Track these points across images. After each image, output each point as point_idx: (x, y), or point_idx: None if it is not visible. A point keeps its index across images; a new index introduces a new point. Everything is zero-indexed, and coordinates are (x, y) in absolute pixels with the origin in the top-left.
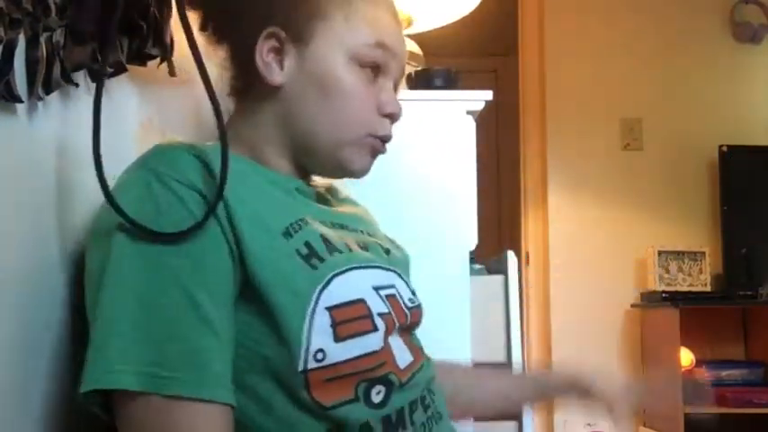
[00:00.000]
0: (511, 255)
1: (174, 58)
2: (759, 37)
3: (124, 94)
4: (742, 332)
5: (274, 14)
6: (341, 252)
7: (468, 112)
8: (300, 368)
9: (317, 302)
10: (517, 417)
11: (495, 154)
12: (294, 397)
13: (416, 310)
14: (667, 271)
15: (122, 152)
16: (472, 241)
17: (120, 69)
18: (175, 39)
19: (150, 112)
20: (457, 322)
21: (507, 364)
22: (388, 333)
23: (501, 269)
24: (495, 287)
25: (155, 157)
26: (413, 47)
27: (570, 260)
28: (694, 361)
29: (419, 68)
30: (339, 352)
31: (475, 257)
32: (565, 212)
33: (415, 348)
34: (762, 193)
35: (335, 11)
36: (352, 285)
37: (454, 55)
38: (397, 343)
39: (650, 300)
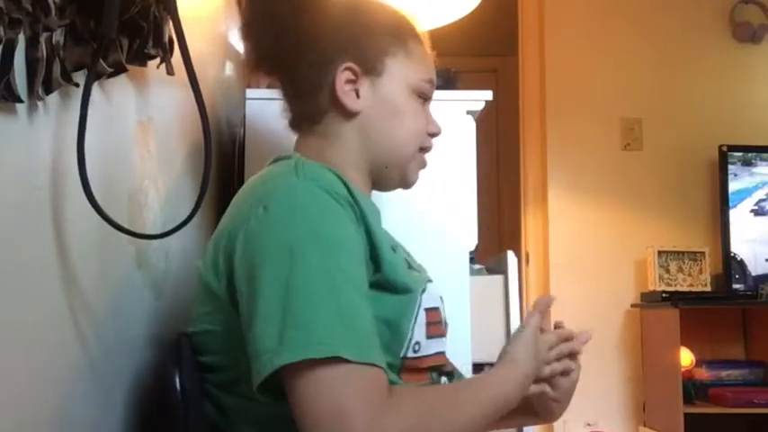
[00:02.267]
0: (511, 255)
1: (173, 59)
2: (759, 37)
3: (124, 94)
4: (742, 332)
5: (348, 51)
6: (412, 268)
7: (468, 112)
8: (402, 354)
9: (420, 303)
10: None
11: (495, 154)
12: (392, 377)
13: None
14: (667, 271)
15: (122, 152)
16: (472, 241)
17: (120, 69)
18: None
19: (150, 112)
20: (457, 322)
21: None
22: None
23: (501, 269)
24: (495, 287)
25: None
26: None
27: (570, 260)
28: (694, 361)
29: None
30: (427, 347)
31: (475, 257)
32: (565, 212)
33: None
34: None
35: (398, 49)
36: (433, 293)
37: (454, 55)
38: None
39: (650, 300)
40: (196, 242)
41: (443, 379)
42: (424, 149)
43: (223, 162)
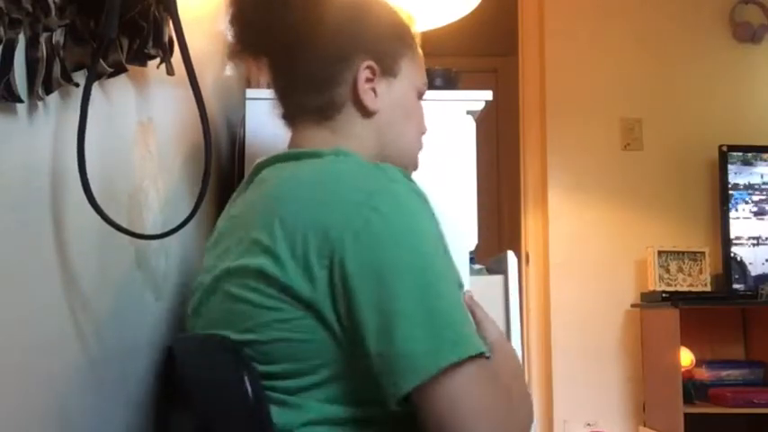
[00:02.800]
0: (511, 255)
1: (173, 59)
2: (759, 37)
3: (124, 94)
4: (742, 332)
5: (369, 49)
6: None
7: (468, 112)
8: None
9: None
10: None
11: (495, 154)
12: None
13: None
14: (667, 271)
15: (122, 152)
16: (472, 241)
17: (120, 69)
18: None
19: (150, 113)
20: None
21: None
22: None
23: (501, 269)
24: (495, 287)
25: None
26: None
27: (570, 260)
28: (694, 361)
29: None
30: None
31: (475, 257)
32: (565, 212)
33: None
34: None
35: (408, 50)
36: None
37: (454, 55)
38: None
39: (650, 300)
40: (196, 242)
41: None
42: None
43: (223, 162)
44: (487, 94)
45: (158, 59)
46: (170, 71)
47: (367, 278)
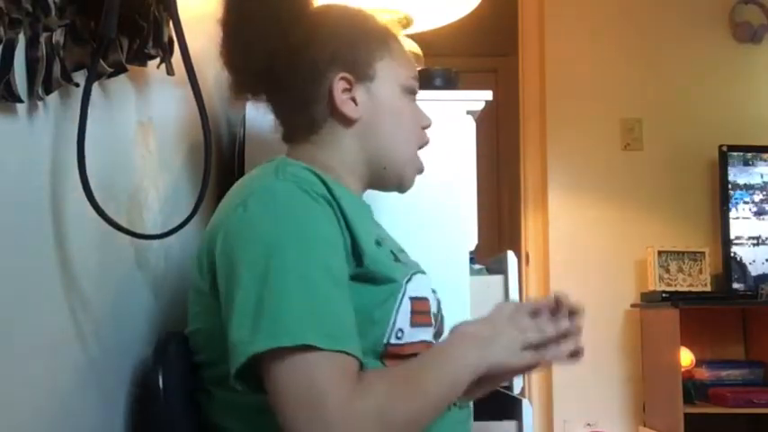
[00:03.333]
0: (511, 255)
1: (173, 59)
2: (759, 37)
3: (124, 94)
4: (742, 332)
5: (338, 61)
6: (400, 261)
7: (468, 112)
8: (384, 341)
9: (404, 291)
10: (517, 416)
11: (495, 154)
12: (371, 361)
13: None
14: (667, 271)
15: (122, 152)
16: (472, 241)
17: (120, 69)
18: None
19: (150, 112)
20: (457, 322)
21: None
22: (438, 330)
23: (501, 269)
24: (495, 287)
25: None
26: (413, 47)
27: (570, 260)
28: (694, 361)
29: (419, 69)
30: (411, 335)
31: (475, 257)
32: (565, 212)
33: None
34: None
35: (383, 52)
36: (422, 284)
37: (454, 55)
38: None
39: (650, 300)
40: (196, 242)
41: None
42: (422, 146)
43: (223, 162)
44: (487, 94)
45: (158, 59)
46: (170, 71)
47: (223, 270)
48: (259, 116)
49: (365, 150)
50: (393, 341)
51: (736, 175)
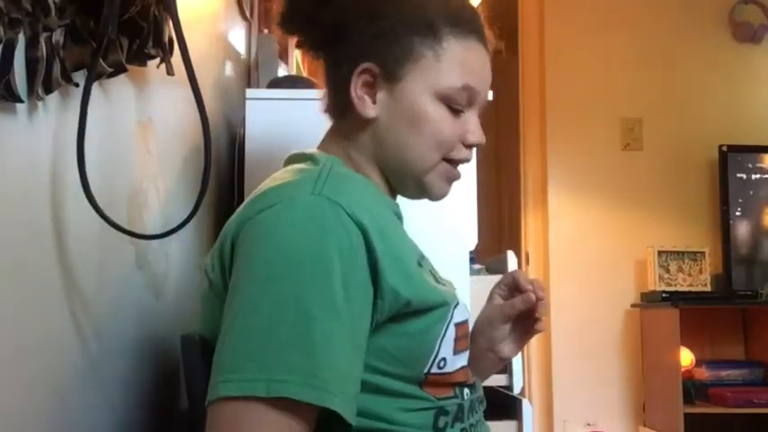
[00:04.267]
0: (511, 255)
1: (173, 59)
2: (759, 37)
3: (124, 94)
4: (742, 332)
5: (370, 51)
6: (444, 282)
7: None
8: (425, 371)
9: (451, 317)
10: (517, 416)
11: (494, 154)
12: (409, 388)
13: None
14: (667, 271)
15: (121, 152)
16: (472, 241)
17: (120, 69)
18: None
19: (150, 112)
20: None
21: (507, 364)
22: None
23: (501, 269)
24: None
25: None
26: None
27: (570, 260)
28: (694, 361)
29: None
30: (452, 363)
31: (475, 257)
32: (565, 212)
33: None
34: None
35: (427, 50)
36: (464, 307)
37: None
38: None
39: (650, 300)
40: (196, 242)
41: (465, 391)
42: (454, 161)
43: (223, 162)
44: (487, 95)
45: (158, 59)
46: (170, 71)
47: (232, 282)
48: (259, 116)
49: (381, 155)
50: (434, 371)
51: (737, 175)
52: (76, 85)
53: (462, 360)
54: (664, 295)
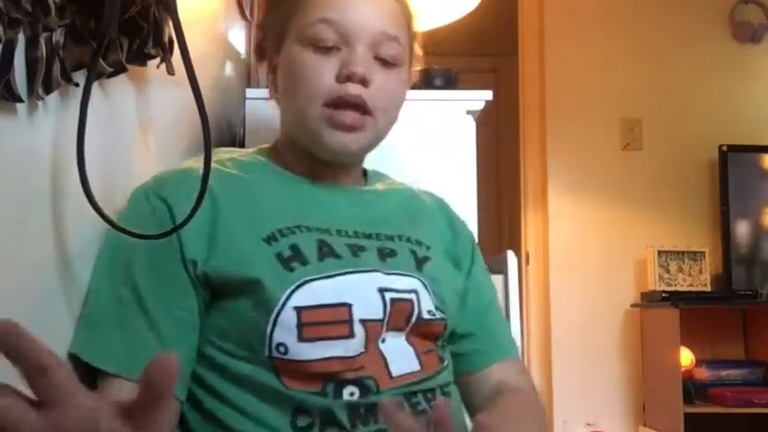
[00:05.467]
0: (511, 255)
1: (173, 58)
2: (759, 37)
3: (124, 94)
4: (742, 332)
5: (268, 39)
6: (339, 257)
7: (468, 112)
8: (266, 353)
9: (285, 302)
10: None
11: (495, 154)
12: (263, 374)
13: (437, 323)
14: (667, 271)
15: (121, 152)
16: None
17: (120, 69)
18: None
19: (150, 112)
20: None
21: None
22: (371, 339)
23: (501, 269)
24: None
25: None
26: None
27: (570, 260)
28: (694, 361)
29: (419, 68)
30: (304, 351)
31: None
32: (565, 212)
33: (430, 360)
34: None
35: (289, 11)
36: (338, 289)
37: (454, 55)
38: (397, 348)
39: (650, 300)
40: None
41: (348, 390)
42: (337, 102)
43: None
44: (487, 94)
45: (158, 59)
46: (170, 71)
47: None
48: (259, 116)
49: (286, 127)
50: (276, 355)
51: (737, 174)
52: (76, 84)
53: (329, 349)
54: (664, 295)
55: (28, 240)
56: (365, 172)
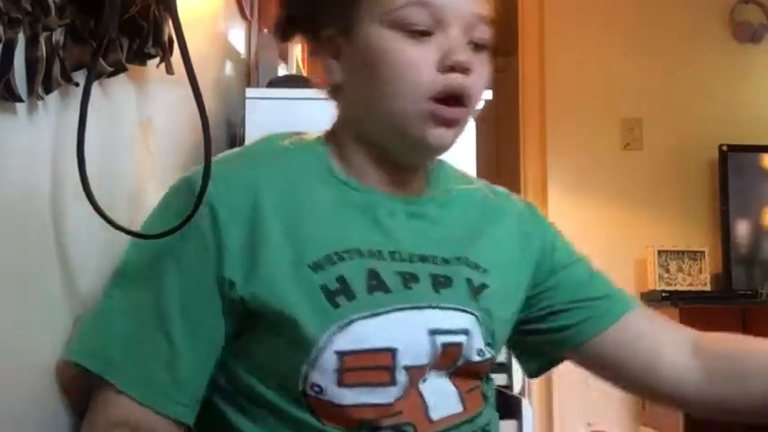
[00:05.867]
0: None
1: (173, 58)
2: (759, 37)
3: (124, 94)
4: (742, 332)
5: (324, 17)
6: (389, 291)
7: None
8: (300, 388)
9: (326, 344)
10: (517, 416)
11: (495, 154)
12: (295, 409)
13: (485, 364)
14: (667, 270)
15: (121, 152)
16: None
17: (119, 69)
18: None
19: (150, 112)
20: None
21: (508, 364)
22: (413, 383)
23: None
24: None
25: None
26: None
27: None
28: None
29: None
30: (341, 395)
31: None
32: (565, 212)
33: (474, 399)
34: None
35: None
36: (385, 331)
37: None
38: (438, 389)
39: (650, 299)
40: None
41: None
42: (442, 96)
43: None
44: (487, 94)
45: (158, 59)
46: (170, 71)
47: None
48: (259, 116)
49: (353, 124)
50: (311, 394)
51: (737, 174)
52: (76, 84)
53: (366, 396)
54: (663, 295)
55: (28, 240)
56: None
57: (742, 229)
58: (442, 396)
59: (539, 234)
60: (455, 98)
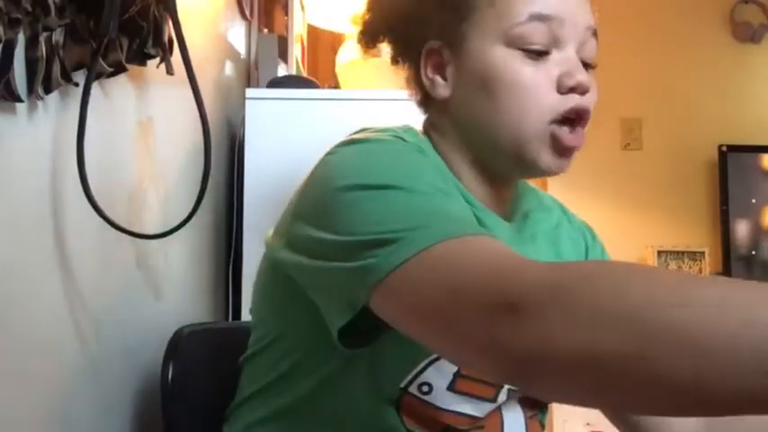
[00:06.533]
0: None
1: (173, 58)
2: (759, 37)
3: (124, 94)
4: None
5: (428, 29)
6: None
7: None
8: (402, 385)
9: None
10: None
11: None
12: (382, 407)
13: None
14: None
15: (122, 152)
16: None
17: (119, 69)
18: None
19: (150, 112)
20: None
21: None
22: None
23: None
24: None
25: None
26: None
27: None
28: None
29: None
30: (446, 399)
31: None
32: None
33: (534, 426)
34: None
35: (476, 2)
36: None
37: None
38: (512, 412)
39: None
40: (196, 242)
41: None
42: (561, 118)
43: (223, 162)
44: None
45: (158, 59)
46: (170, 71)
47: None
48: (259, 116)
49: (463, 139)
50: (413, 391)
51: (736, 175)
52: (76, 84)
53: (467, 406)
54: None
55: (28, 240)
56: None
57: (742, 229)
58: (514, 419)
59: (581, 246)
60: (577, 120)
